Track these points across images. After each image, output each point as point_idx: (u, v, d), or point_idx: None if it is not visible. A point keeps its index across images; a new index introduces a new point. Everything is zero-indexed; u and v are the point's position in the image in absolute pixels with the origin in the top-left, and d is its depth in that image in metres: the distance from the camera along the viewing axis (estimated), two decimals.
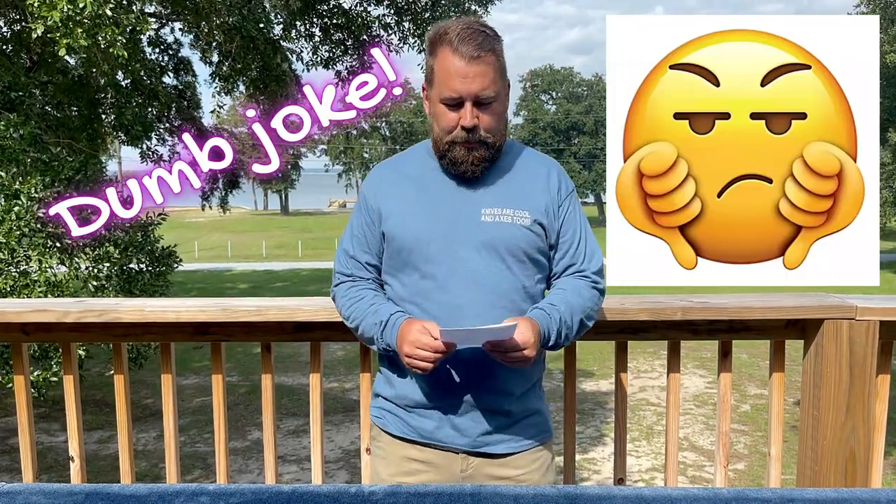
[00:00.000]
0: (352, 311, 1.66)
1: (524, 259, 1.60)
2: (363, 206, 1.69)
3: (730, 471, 2.06)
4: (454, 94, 1.52)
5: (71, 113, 10.20)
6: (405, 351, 1.48)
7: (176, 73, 14.16)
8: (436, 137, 1.60)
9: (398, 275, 1.63)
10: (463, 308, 1.55)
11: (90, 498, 1.23)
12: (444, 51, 1.52)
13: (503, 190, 1.62)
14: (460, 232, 1.57)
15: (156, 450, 9.19)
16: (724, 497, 1.24)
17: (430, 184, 1.63)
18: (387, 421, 1.68)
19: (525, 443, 1.65)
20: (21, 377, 2.04)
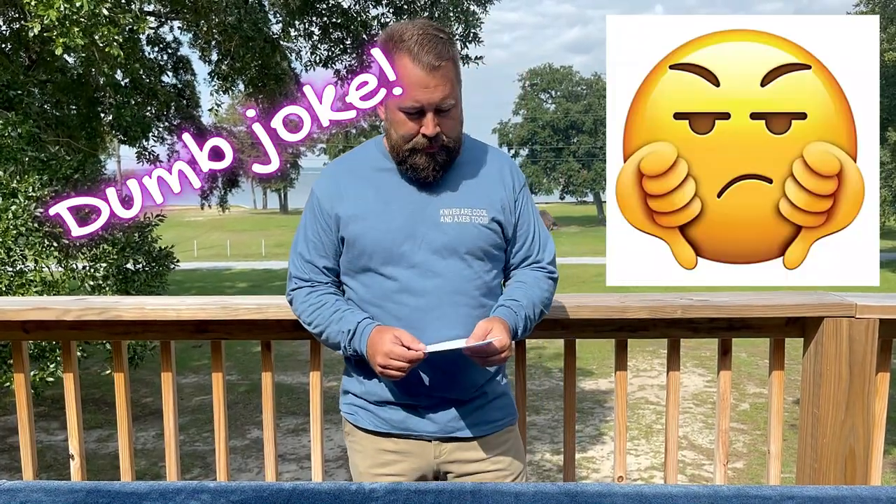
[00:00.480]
0: (314, 317, 1.65)
1: (483, 256, 1.62)
2: (317, 209, 1.66)
3: (729, 469, 2.07)
4: (416, 103, 1.51)
5: (70, 111, 10.20)
6: (379, 362, 1.49)
7: (175, 71, 14.15)
8: (394, 144, 1.58)
9: (359, 277, 1.64)
10: (427, 309, 1.57)
11: (91, 495, 1.24)
12: (401, 58, 1.50)
13: (460, 189, 1.63)
14: (421, 233, 1.58)
15: (155, 449, 9.20)
16: (724, 494, 1.25)
17: (387, 184, 1.62)
18: (359, 417, 1.71)
19: (493, 425, 1.69)
20: (21, 375, 2.05)
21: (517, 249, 1.70)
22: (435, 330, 1.57)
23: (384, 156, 1.65)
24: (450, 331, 1.58)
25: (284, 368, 12.88)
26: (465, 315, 1.59)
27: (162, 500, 1.22)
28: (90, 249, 7.29)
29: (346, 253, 1.64)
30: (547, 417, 10.41)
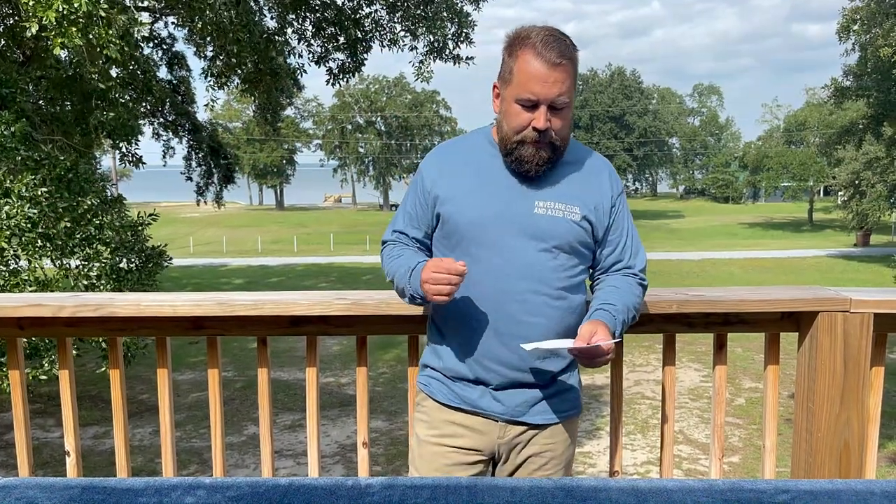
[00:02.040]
0: (389, 265, 1.76)
1: (570, 251, 1.69)
2: (419, 186, 1.77)
3: (725, 463, 2.07)
4: (532, 96, 1.58)
5: (64, 108, 10.16)
6: (423, 277, 1.57)
7: (170, 67, 14.10)
8: (504, 135, 1.66)
9: (450, 255, 1.71)
10: (508, 292, 1.65)
11: (86, 492, 1.23)
12: (525, 53, 1.58)
13: (557, 184, 1.69)
14: (513, 221, 1.66)
15: (151, 445, 9.19)
16: (719, 488, 1.25)
17: (488, 173, 1.70)
18: (433, 388, 1.79)
19: (560, 415, 1.77)
20: (16, 372, 2.04)
21: (608, 253, 1.76)
22: (514, 314, 1.65)
23: (490, 144, 1.74)
24: (529, 317, 1.66)
25: (281, 365, 12.88)
26: (544, 304, 1.66)
27: (157, 496, 1.22)
28: (83, 249, 7.28)
29: (440, 230, 1.74)
30: None
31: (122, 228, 7.93)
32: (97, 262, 7.46)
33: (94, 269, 7.45)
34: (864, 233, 34.86)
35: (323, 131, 63.48)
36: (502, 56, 1.66)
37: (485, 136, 1.77)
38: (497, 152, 1.72)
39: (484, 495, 1.22)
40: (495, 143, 1.73)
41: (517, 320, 1.66)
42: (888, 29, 18.58)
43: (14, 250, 6.65)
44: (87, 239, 7.32)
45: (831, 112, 41.60)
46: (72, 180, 7.27)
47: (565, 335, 1.70)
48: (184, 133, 15.33)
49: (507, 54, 1.63)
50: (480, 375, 1.72)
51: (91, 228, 7.35)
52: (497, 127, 1.71)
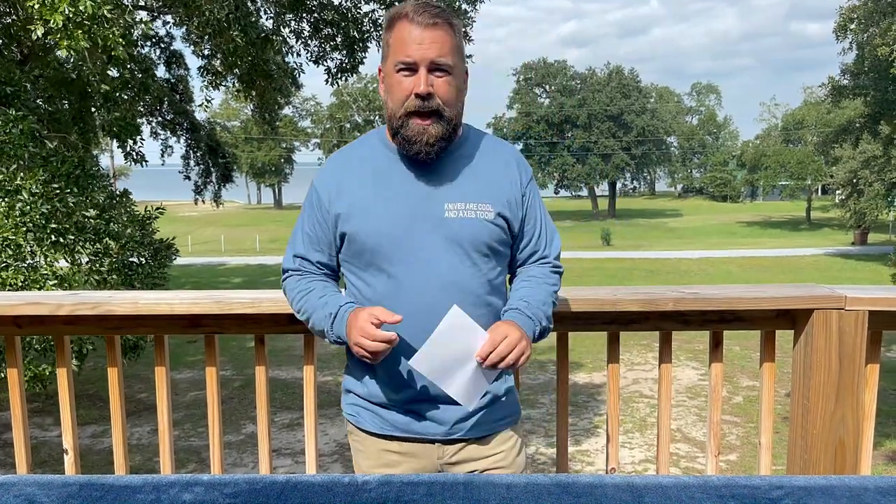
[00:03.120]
0: (302, 303, 1.64)
1: (488, 253, 1.59)
2: (315, 204, 1.64)
3: (722, 461, 2.08)
4: (408, 58, 1.50)
5: (62, 107, 10.16)
6: (352, 339, 1.48)
7: (168, 66, 14.10)
8: (390, 114, 1.55)
9: (362, 275, 1.60)
10: (433, 308, 1.51)
11: (84, 489, 1.24)
12: (400, 23, 1.52)
13: (465, 182, 1.59)
14: (424, 230, 1.54)
15: (150, 444, 9.19)
16: (714, 484, 1.26)
17: (389, 177, 1.58)
18: (361, 418, 1.68)
19: (498, 423, 1.67)
20: (14, 370, 2.04)
21: (524, 245, 1.68)
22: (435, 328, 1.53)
23: (385, 146, 1.62)
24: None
25: (279, 363, 12.88)
26: (471, 314, 1.53)
27: (155, 493, 1.22)
28: (92, 244, 7.30)
29: (347, 249, 1.61)
30: (541, 411, 10.44)
31: (131, 223, 7.98)
32: (108, 256, 7.50)
33: (105, 265, 7.47)
34: (862, 231, 34.91)
35: (321, 130, 63.45)
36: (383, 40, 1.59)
37: (379, 138, 1.65)
38: (394, 154, 1.60)
39: (480, 492, 1.23)
40: (389, 142, 1.61)
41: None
42: (885, 28, 18.61)
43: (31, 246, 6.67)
44: (97, 234, 7.35)
45: (829, 111, 41.63)
46: (80, 176, 7.30)
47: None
48: (182, 132, 15.33)
49: (385, 33, 1.56)
50: (408, 398, 1.60)
51: (101, 223, 7.38)
52: (387, 115, 1.59)
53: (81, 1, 5.99)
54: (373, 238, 1.55)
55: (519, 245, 1.67)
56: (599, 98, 55.93)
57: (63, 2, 5.98)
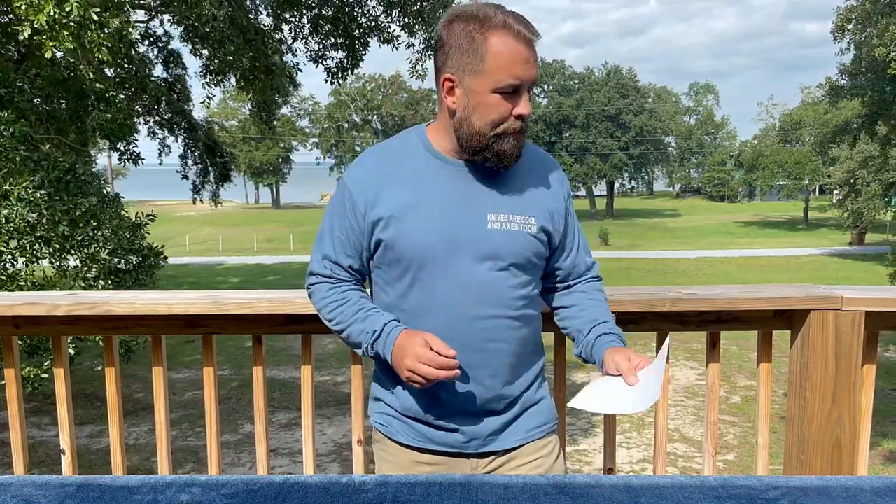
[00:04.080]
0: (336, 314, 1.57)
1: (527, 266, 1.54)
2: (348, 207, 1.53)
3: (719, 461, 2.09)
4: (516, 80, 1.40)
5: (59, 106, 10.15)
6: (407, 365, 1.42)
7: (166, 65, 14.08)
8: (473, 132, 1.44)
9: (396, 284, 1.54)
10: (467, 321, 1.50)
11: (82, 489, 1.24)
12: (498, 34, 1.39)
13: (509, 192, 1.52)
14: (465, 241, 1.48)
15: (147, 444, 9.18)
16: (710, 484, 1.26)
17: (431, 184, 1.50)
18: (393, 429, 1.63)
19: (533, 432, 1.64)
20: (11, 370, 2.04)
21: (565, 258, 1.64)
22: (475, 343, 1.51)
23: (427, 149, 1.53)
24: (491, 344, 1.52)
25: (277, 363, 12.88)
26: (506, 328, 1.52)
27: (153, 493, 1.22)
28: (80, 251, 7.29)
29: (382, 256, 1.53)
30: None
31: (121, 229, 7.95)
32: (95, 263, 7.48)
33: (93, 271, 7.46)
34: (860, 231, 34.99)
35: (319, 130, 63.44)
36: (456, 45, 1.42)
37: (420, 140, 1.55)
38: (437, 159, 1.52)
39: (477, 492, 1.23)
40: (432, 146, 1.53)
41: (478, 349, 1.51)
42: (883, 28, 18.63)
43: (12, 253, 6.66)
44: (84, 241, 7.33)
45: (826, 111, 41.70)
46: (70, 181, 7.26)
47: (526, 357, 1.60)
48: (180, 131, 15.32)
49: (471, 40, 1.40)
50: (443, 412, 1.56)
51: (89, 230, 7.36)
52: (458, 126, 1.47)
53: (67, 2, 5.99)
54: (412, 248, 1.48)
55: (559, 258, 1.64)
56: (597, 98, 55.95)
57: (48, 3, 5.98)
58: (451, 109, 1.47)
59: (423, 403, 1.57)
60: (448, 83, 1.45)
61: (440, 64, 1.46)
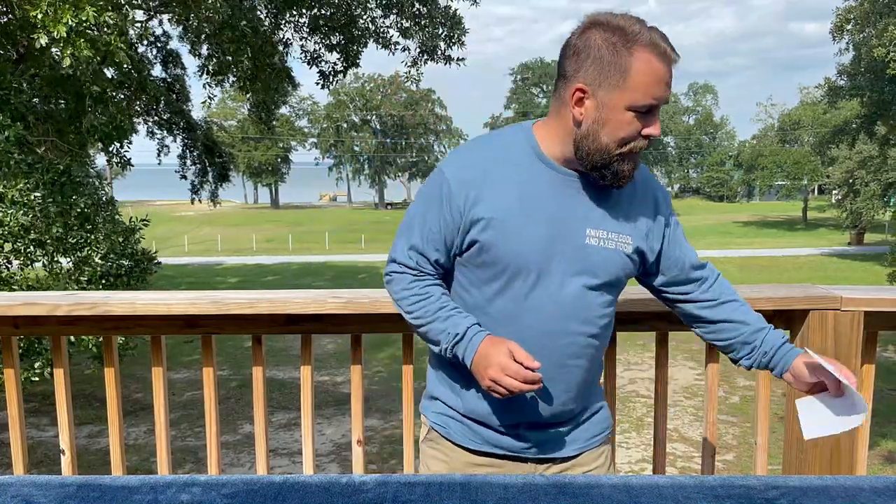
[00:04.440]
0: (417, 308, 1.52)
1: (617, 285, 1.53)
2: (446, 200, 1.47)
3: (719, 461, 2.09)
4: (654, 101, 1.36)
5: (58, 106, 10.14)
6: (491, 375, 1.39)
7: (165, 65, 14.08)
8: (598, 147, 1.39)
9: (484, 287, 1.50)
10: (554, 334, 1.48)
11: (82, 489, 1.24)
12: (644, 51, 1.34)
13: (609, 209, 1.48)
14: (561, 253, 1.45)
15: (147, 444, 9.18)
16: (709, 484, 1.26)
17: (535, 191, 1.45)
18: (451, 430, 1.60)
19: (592, 441, 1.64)
20: (11, 371, 2.04)
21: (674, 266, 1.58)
22: (558, 357, 1.49)
23: (534, 153, 1.47)
24: (573, 360, 1.50)
25: (276, 363, 12.88)
26: (588, 344, 1.51)
27: (153, 493, 1.22)
28: (73, 254, 7.29)
29: (474, 257, 1.48)
30: None
31: (114, 234, 7.94)
32: (87, 266, 7.48)
33: (85, 275, 7.46)
34: (858, 231, 35.02)
35: (318, 130, 63.44)
36: (595, 56, 1.36)
37: (526, 139, 1.49)
38: (543, 165, 1.47)
39: (477, 492, 1.23)
40: (541, 150, 1.47)
41: (559, 364, 1.49)
42: (882, 29, 18.65)
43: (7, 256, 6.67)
44: (77, 244, 7.32)
45: (825, 111, 41.74)
46: (65, 184, 7.25)
47: (595, 371, 1.59)
48: (178, 131, 15.32)
49: (614, 53, 1.34)
50: (509, 420, 1.54)
51: (82, 233, 7.35)
52: (577, 137, 1.41)
53: (84, 11, 6.01)
54: (509, 254, 1.44)
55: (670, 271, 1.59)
56: None
57: (66, 13, 6.00)
58: (577, 120, 1.40)
59: (491, 409, 1.54)
60: (579, 93, 1.38)
61: (569, 71, 1.39)
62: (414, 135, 63.87)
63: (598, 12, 1.41)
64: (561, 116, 1.44)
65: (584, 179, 1.47)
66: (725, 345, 1.60)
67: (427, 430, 1.67)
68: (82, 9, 6.00)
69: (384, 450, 9.34)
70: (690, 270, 1.59)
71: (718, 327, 1.60)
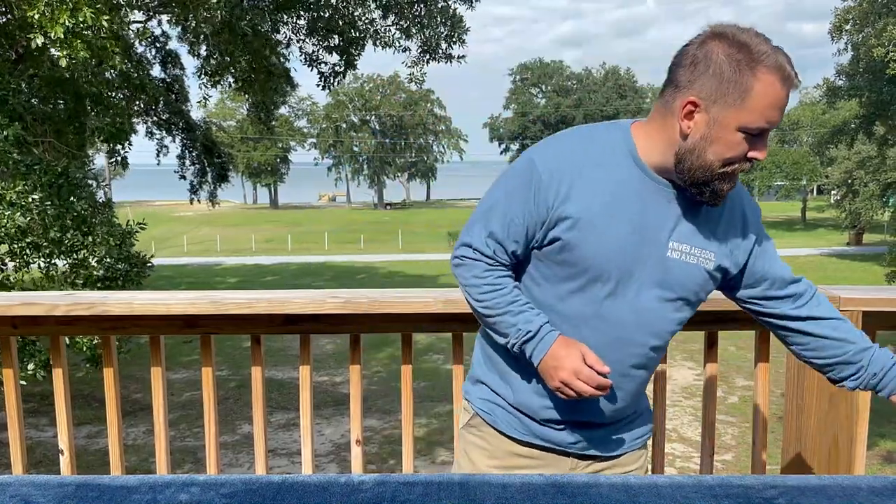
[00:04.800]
0: (487, 297, 1.48)
1: (693, 301, 1.50)
2: (534, 192, 1.42)
3: (718, 461, 2.09)
4: (767, 124, 1.32)
5: (57, 106, 10.14)
6: (563, 378, 1.39)
7: (164, 66, 14.08)
8: (700, 164, 1.35)
9: (559, 285, 1.47)
10: (623, 343, 1.46)
11: (80, 489, 1.24)
12: (770, 74, 1.29)
13: (696, 223, 1.45)
14: (643, 263, 1.43)
15: (145, 444, 9.18)
16: (707, 484, 1.27)
17: (627, 196, 1.42)
18: (497, 418, 1.58)
19: (635, 442, 1.64)
20: (10, 371, 2.04)
21: (764, 282, 1.54)
22: (622, 365, 1.48)
23: (632, 156, 1.43)
24: (635, 370, 1.50)
25: (275, 363, 12.87)
26: (652, 357, 1.50)
27: (152, 493, 1.22)
28: (70, 257, 7.29)
29: (555, 254, 1.44)
30: None
31: (111, 237, 7.94)
32: (83, 269, 7.49)
33: (80, 278, 7.47)
34: (857, 231, 35.05)
35: (317, 130, 63.43)
36: (715, 70, 1.30)
37: (624, 141, 1.44)
38: (638, 171, 1.42)
39: (476, 492, 1.23)
40: (639, 155, 1.42)
41: (623, 373, 1.48)
42: (880, 29, 18.68)
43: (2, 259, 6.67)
44: (74, 247, 7.33)
45: (824, 111, 41.77)
46: (62, 186, 7.25)
47: (648, 380, 1.57)
48: (177, 131, 15.32)
49: (736, 70, 1.29)
50: (563, 419, 1.53)
51: (79, 235, 7.36)
52: (681, 150, 1.37)
53: (81, 12, 6.01)
54: (593, 257, 1.41)
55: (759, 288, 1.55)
56: (595, 98, 56.01)
57: (63, 14, 6.00)
58: (684, 133, 1.36)
59: (545, 406, 1.53)
60: (690, 106, 1.33)
61: (683, 81, 1.34)
62: (413, 135, 63.88)
63: (722, 24, 1.35)
64: (665, 125, 1.39)
65: (677, 190, 1.43)
66: (825, 363, 1.53)
67: (470, 415, 1.64)
68: (80, 10, 6.01)
69: (383, 450, 9.34)
70: (782, 286, 1.54)
71: (818, 344, 1.53)
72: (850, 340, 1.50)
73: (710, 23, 1.37)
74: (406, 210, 61.29)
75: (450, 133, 65.47)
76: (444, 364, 13.28)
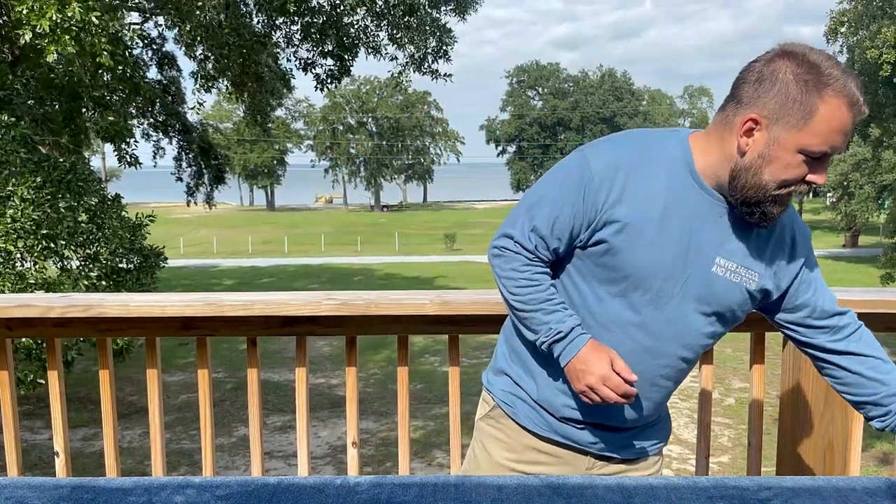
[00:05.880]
0: (522, 292, 1.46)
1: (729, 319, 1.48)
2: (584, 191, 1.40)
3: (714, 463, 2.09)
4: (829, 149, 1.29)
5: (53, 108, 10.13)
6: (590, 382, 1.38)
7: (160, 67, 14.07)
8: (760, 184, 1.32)
9: (598, 288, 1.45)
10: (656, 353, 1.45)
11: (76, 491, 1.24)
12: (837, 98, 1.27)
13: (744, 241, 1.43)
14: (686, 276, 1.41)
15: (141, 447, 9.16)
16: (703, 485, 1.27)
17: (678, 207, 1.39)
18: (518, 411, 1.57)
19: (654, 447, 1.63)
20: (5, 373, 2.04)
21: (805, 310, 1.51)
22: (652, 375, 1.47)
23: (688, 167, 1.40)
24: (665, 381, 1.49)
25: (271, 366, 12.85)
26: (682, 369, 1.49)
27: (147, 495, 1.22)
28: (83, 249, 7.32)
29: (598, 256, 1.42)
30: None
31: (122, 229, 8.00)
32: (97, 262, 7.52)
33: (94, 270, 7.49)
34: (853, 234, 35.15)
35: (314, 132, 63.42)
36: (781, 89, 1.28)
37: (681, 150, 1.42)
38: (692, 181, 1.40)
39: (471, 493, 1.24)
40: (695, 167, 1.39)
41: (652, 383, 1.47)
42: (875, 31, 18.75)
43: (21, 253, 6.69)
44: (87, 240, 7.37)
45: None
46: (72, 181, 7.30)
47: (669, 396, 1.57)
48: (174, 133, 15.31)
49: (802, 91, 1.26)
50: (585, 420, 1.52)
51: (92, 227, 7.41)
52: (737, 167, 1.34)
53: (70, 7, 6.01)
54: (635, 265, 1.40)
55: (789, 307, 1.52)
56: (592, 101, 56.12)
57: (50, 8, 6.00)
58: (742, 150, 1.33)
59: (568, 406, 1.52)
60: (751, 123, 1.31)
61: (746, 97, 1.32)
62: (410, 137, 63.90)
63: (792, 43, 1.32)
64: (724, 140, 1.36)
65: (729, 206, 1.41)
66: (855, 401, 1.49)
67: (490, 407, 1.62)
68: (68, 4, 6.01)
69: (379, 452, 9.33)
70: (822, 316, 1.51)
71: (852, 380, 1.48)
72: (884, 382, 1.45)
73: (780, 41, 1.35)
74: (403, 212, 61.30)
75: (447, 135, 65.50)
76: (440, 366, 13.28)
